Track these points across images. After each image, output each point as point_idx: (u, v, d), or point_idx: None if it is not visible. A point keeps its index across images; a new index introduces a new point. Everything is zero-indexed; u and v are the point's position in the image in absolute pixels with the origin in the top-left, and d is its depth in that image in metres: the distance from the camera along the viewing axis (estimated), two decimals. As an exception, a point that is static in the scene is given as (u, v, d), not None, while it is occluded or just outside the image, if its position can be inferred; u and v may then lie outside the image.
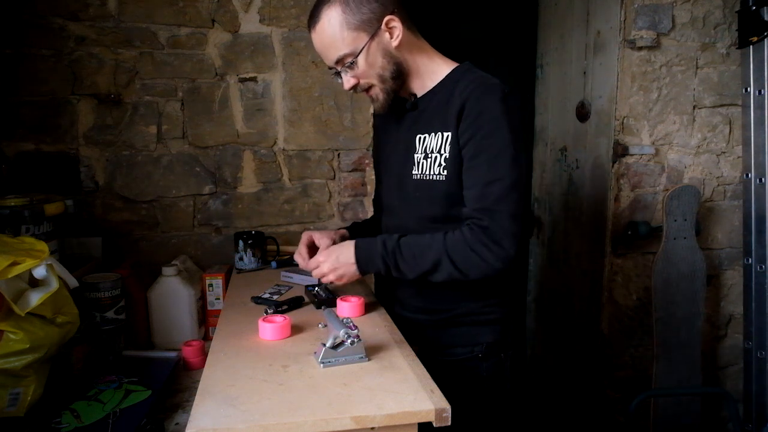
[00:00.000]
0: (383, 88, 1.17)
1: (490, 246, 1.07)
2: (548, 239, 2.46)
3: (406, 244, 1.13)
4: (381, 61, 1.14)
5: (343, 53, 1.12)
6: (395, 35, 1.13)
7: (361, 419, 0.77)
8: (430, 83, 1.20)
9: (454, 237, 1.10)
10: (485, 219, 1.07)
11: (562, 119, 2.28)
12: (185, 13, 1.74)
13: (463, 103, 1.10)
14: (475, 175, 1.09)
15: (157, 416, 1.08)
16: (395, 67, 1.15)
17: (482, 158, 1.08)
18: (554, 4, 2.30)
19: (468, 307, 1.20)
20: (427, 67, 1.20)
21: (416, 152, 1.20)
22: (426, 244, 1.11)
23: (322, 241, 1.28)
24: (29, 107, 1.69)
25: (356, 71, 1.14)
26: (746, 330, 1.95)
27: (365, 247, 1.15)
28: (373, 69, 1.14)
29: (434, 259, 1.09)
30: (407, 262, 1.11)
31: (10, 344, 0.98)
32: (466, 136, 1.10)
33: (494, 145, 1.07)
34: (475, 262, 1.08)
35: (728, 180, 1.99)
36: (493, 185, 1.07)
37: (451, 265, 1.09)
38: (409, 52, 1.17)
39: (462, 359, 1.21)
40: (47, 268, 1.05)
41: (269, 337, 1.04)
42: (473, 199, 1.10)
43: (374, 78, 1.15)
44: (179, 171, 1.80)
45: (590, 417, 2.12)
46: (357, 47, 1.11)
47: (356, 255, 1.15)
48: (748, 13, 1.82)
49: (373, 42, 1.12)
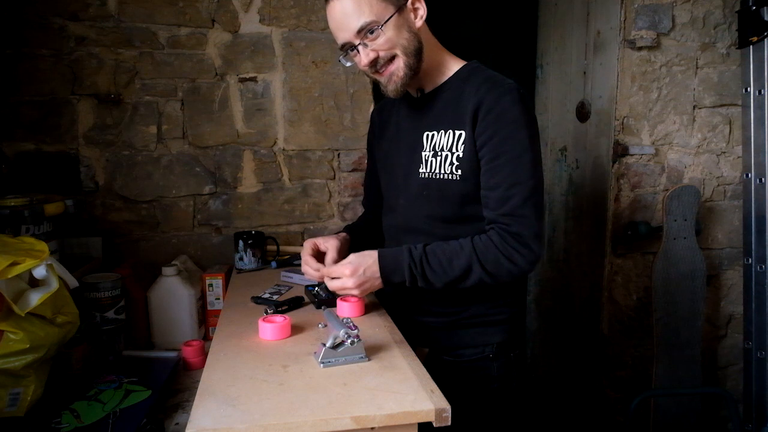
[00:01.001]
0: (406, 61, 1.10)
1: (521, 250, 1.07)
2: (548, 239, 2.46)
3: (432, 253, 1.10)
4: (407, 34, 1.09)
5: (370, 20, 1.06)
6: (419, 15, 1.11)
7: (361, 419, 0.77)
8: (438, 79, 1.18)
9: (483, 242, 1.09)
10: (513, 224, 1.07)
11: (562, 119, 2.28)
12: (185, 13, 1.74)
13: (479, 102, 1.08)
14: (496, 177, 1.09)
15: (157, 416, 1.08)
16: (419, 44, 1.11)
17: (503, 160, 1.07)
18: (554, 4, 2.30)
19: (478, 308, 1.20)
20: (438, 62, 1.18)
21: (423, 150, 1.18)
22: (454, 252, 1.09)
23: (328, 244, 1.22)
24: (29, 107, 1.69)
25: (379, 41, 1.08)
26: (746, 330, 1.95)
27: (390, 257, 1.11)
28: (399, 39, 1.08)
29: (464, 266, 1.08)
30: (435, 271, 1.09)
31: (10, 344, 0.98)
32: (484, 137, 1.08)
33: (515, 147, 1.07)
34: (506, 267, 1.08)
35: (728, 180, 1.99)
36: (516, 188, 1.07)
37: (482, 270, 1.08)
38: (426, 41, 1.14)
39: (473, 360, 1.21)
40: (47, 268, 1.05)
41: (269, 337, 1.04)
42: (497, 203, 1.09)
43: (398, 48, 1.09)
44: (179, 171, 1.80)
45: (590, 417, 2.12)
46: (384, 16, 1.06)
47: (381, 266, 1.10)
48: (748, 13, 1.81)
49: (399, 15, 1.08)
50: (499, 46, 2.57)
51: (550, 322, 2.46)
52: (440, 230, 1.17)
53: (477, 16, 2.62)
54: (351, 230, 1.39)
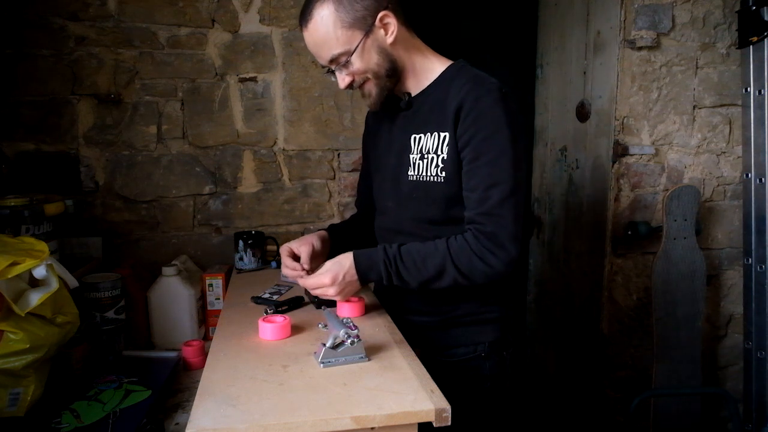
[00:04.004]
0: (377, 83, 1.14)
1: (494, 250, 1.06)
2: (548, 239, 2.46)
3: (407, 252, 1.11)
4: (376, 58, 1.11)
5: (338, 52, 1.10)
6: (390, 31, 1.10)
7: (361, 419, 0.77)
8: (424, 82, 1.18)
9: (457, 243, 1.09)
10: (488, 224, 1.06)
11: (562, 119, 2.28)
12: (185, 13, 1.74)
13: (461, 103, 1.08)
14: (475, 178, 1.08)
15: (157, 416, 1.08)
16: (390, 64, 1.13)
17: (482, 161, 1.07)
18: (554, 4, 2.30)
19: (468, 307, 1.20)
20: (422, 65, 1.18)
21: (411, 153, 1.18)
22: (428, 252, 1.10)
23: (302, 249, 1.24)
24: (29, 107, 1.69)
25: (351, 69, 1.12)
26: (746, 330, 1.95)
27: (365, 256, 1.13)
28: (368, 66, 1.12)
29: (438, 265, 1.08)
30: (409, 270, 1.09)
31: (10, 344, 0.98)
32: (465, 137, 1.08)
33: (494, 147, 1.06)
34: (479, 268, 1.07)
35: (728, 180, 1.99)
36: (494, 189, 1.06)
37: (455, 270, 1.08)
38: (405, 49, 1.15)
39: (465, 359, 1.21)
40: (47, 268, 1.05)
41: (269, 337, 1.04)
42: (475, 204, 1.09)
43: (369, 75, 1.13)
44: (179, 171, 1.80)
45: (590, 417, 2.12)
46: (351, 46, 1.09)
47: (356, 267, 1.12)
48: (748, 13, 1.81)
49: (367, 39, 1.09)
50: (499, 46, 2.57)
51: (550, 322, 2.46)
52: (428, 233, 1.16)
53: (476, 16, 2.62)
54: (332, 229, 1.39)
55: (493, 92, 1.07)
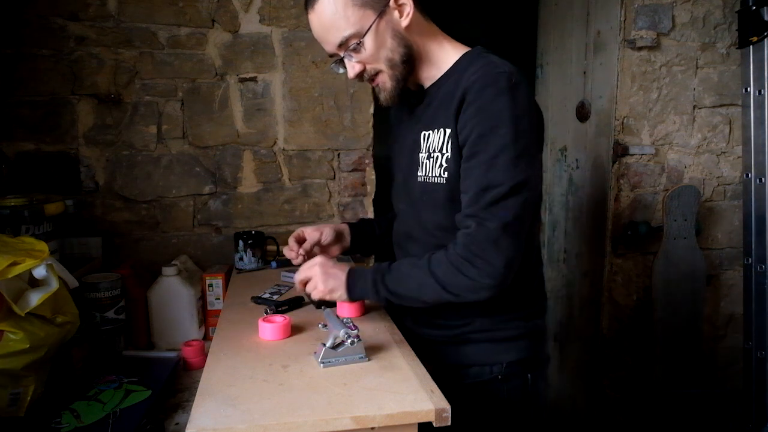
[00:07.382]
0: (392, 74, 1.03)
1: (473, 260, 0.94)
2: (548, 239, 2.46)
3: (396, 266, 1.03)
4: (390, 42, 1.00)
5: (348, 34, 0.98)
6: (405, 13, 1.00)
7: (361, 419, 0.77)
8: (438, 72, 1.07)
9: (439, 253, 0.98)
10: (472, 230, 0.94)
11: (562, 119, 2.28)
12: (185, 13, 1.74)
13: (464, 94, 0.96)
14: (468, 179, 0.97)
15: (157, 416, 1.08)
16: (405, 50, 1.01)
17: (478, 160, 0.95)
18: (554, 3, 2.30)
19: (483, 322, 1.07)
20: (437, 54, 1.06)
21: (420, 151, 1.08)
22: (412, 264, 1.01)
23: (312, 235, 1.22)
24: (29, 107, 1.69)
25: (362, 55, 1.01)
26: (746, 330, 1.95)
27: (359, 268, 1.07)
28: (382, 51, 1.00)
29: (419, 280, 0.98)
30: (394, 283, 1.01)
31: (10, 344, 0.98)
32: (464, 133, 0.96)
33: (492, 144, 0.93)
34: (459, 281, 0.95)
35: (728, 180, 1.99)
36: (488, 192, 0.93)
37: (437, 285, 0.97)
38: (419, 35, 1.04)
39: (479, 381, 1.08)
40: (47, 268, 1.05)
41: (269, 337, 1.04)
42: (464, 207, 0.98)
43: (383, 62, 1.02)
44: (179, 171, 1.80)
45: (590, 417, 2.12)
46: (363, 26, 0.98)
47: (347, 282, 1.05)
48: (748, 13, 1.81)
49: (381, 20, 0.98)
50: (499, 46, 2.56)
51: (550, 322, 2.46)
52: (437, 239, 1.05)
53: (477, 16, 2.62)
54: (359, 224, 1.35)
55: (500, 81, 0.94)
